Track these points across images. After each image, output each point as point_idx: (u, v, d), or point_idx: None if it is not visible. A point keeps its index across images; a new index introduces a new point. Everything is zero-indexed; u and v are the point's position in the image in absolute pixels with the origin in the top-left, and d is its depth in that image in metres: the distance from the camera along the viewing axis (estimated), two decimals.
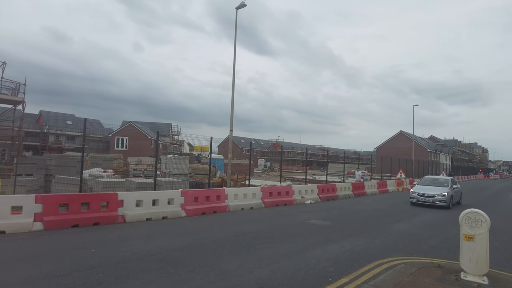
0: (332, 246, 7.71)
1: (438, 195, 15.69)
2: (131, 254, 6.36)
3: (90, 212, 9.10)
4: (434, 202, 15.59)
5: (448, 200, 15.54)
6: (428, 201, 15.77)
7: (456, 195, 16.92)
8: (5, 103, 25.60)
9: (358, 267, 6.09)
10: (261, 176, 39.16)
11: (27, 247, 6.79)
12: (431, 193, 15.94)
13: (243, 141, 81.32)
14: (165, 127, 56.85)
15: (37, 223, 8.16)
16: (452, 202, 15.99)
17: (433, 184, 17.26)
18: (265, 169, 59.91)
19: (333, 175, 42.49)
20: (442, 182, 17.26)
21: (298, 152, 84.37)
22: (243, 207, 13.15)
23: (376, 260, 6.61)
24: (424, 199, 16.00)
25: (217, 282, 5.08)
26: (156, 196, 10.70)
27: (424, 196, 16.06)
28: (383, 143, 66.25)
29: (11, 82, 24.89)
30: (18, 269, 5.34)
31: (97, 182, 13.38)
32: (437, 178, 18.31)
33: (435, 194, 15.79)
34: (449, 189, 16.20)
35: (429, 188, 16.58)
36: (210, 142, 14.68)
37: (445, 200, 15.47)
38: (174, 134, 56.88)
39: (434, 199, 15.68)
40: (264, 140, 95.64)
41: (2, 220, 7.78)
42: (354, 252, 7.29)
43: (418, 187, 17.23)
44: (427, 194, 16.01)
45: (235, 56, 18.50)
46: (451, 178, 18.07)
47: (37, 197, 8.45)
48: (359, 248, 7.68)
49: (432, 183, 17.46)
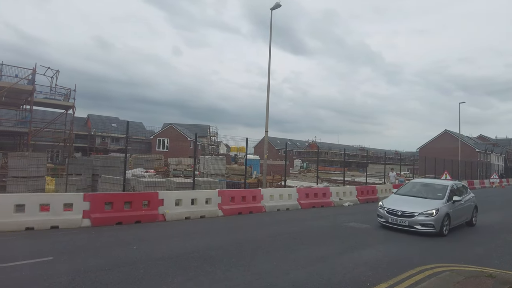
0: (371, 250, 7.46)
1: (420, 215, 9.31)
2: (170, 252, 6.59)
3: (132, 210, 9.55)
4: (413, 227, 9.34)
5: (439, 222, 9.23)
6: (402, 224, 9.50)
7: (459, 212, 10.35)
8: (58, 108, 27.65)
9: (398, 273, 5.83)
10: (297, 177, 38.86)
11: (77, 241, 7.26)
12: (409, 211, 9.55)
13: (279, 141, 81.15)
14: (203, 129, 58.25)
15: (85, 219, 8.72)
16: (449, 225, 9.70)
17: (418, 194, 10.64)
18: (302, 170, 59.45)
19: (373, 176, 41.14)
20: (435, 191, 10.59)
21: (335, 152, 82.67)
22: (279, 208, 13.12)
23: (418, 266, 6.30)
24: (395, 221, 9.62)
25: (253, 282, 5.11)
26: (194, 196, 11.01)
27: (397, 215, 9.63)
28: (427, 143, 63.01)
29: (63, 89, 26.85)
30: (69, 262, 5.73)
31: (139, 181, 13.99)
32: (429, 184, 11.30)
33: (415, 212, 9.42)
34: (444, 203, 9.70)
35: (409, 202, 10.14)
36: (246, 143, 14.85)
37: (432, 222, 9.17)
38: (212, 136, 58.09)
39: (413, 221, 9.35)
40: (300, 141, 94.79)
41: (56, 216, 8.42)
42: (394, 256, 7.01)
43: (393, 199, 10.71)
44: (400, 212, 9.59)
45: (270, 56, 18.54)
46: (452, 184, 11.03)
47: (85, 195, 9.03)
48: (399, 252, 7.37)
49: (418, 193, 10.79)
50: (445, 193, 10.16)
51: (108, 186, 13.75)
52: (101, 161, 17.37)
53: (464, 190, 11.49)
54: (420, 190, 10.95)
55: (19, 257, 5.81)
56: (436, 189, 10.70)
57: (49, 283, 4.76)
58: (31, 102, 23.23)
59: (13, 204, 8.12)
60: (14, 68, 22.62)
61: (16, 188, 12.85)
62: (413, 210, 9.50)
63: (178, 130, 49.37)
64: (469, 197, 11.44)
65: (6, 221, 7.83)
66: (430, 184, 11.24)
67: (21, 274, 5.09)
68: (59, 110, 27.97)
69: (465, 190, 11.59)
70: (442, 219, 9.33)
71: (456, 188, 10.96)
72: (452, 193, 10.32)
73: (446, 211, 9.54)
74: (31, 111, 23.55)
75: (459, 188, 11.21)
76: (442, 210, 9.44)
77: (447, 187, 10.48)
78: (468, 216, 11.12)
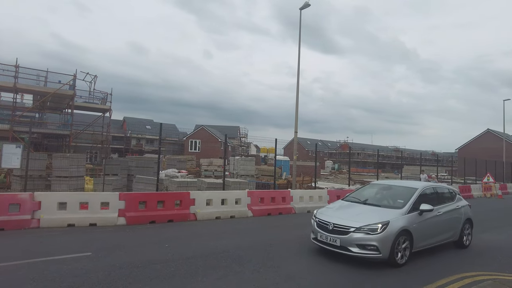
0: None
1: (358, 231, 6.18)
2: (201, 251, 6.71)
3: (165, 209, 9.83)
4: (347, 248, 6.21)
5: (387, 243, 6.07)
6: (333, 244, 6.38)
7: (432, 228, 7.09)
8: (96, 111, 29.09)
9: (435, 279, 5.58)
10: (329, 179, 38.23)
11: (113, 239, 7.59)
12: (343, 224, 6.39)
13: (309, 142, 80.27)
14: (234, 130, 58.95)
15: (120, 218, 9.09)
16: (411, 248, 6.47)
17: (373, 201, 7.43)
18: (333, 171, 58.40)
19: (408, 178, 39.60)
20: (396, 196, 7.41)
21: (369, 153, 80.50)
22: (309, 210, 12.95)
23: (457, 273, 5.98)
24: (325, 238, 6.55)
25: (281, 284, 5.09)
26: (224, 196, 11.15)
27: (327, 230, 6.55)
28: (466, 143, 59.66)
29: (100, 93, 28.22)
30: (105, 258, 6.00)
31: (172, 181, 14.38)
32: (392, 187, 8.06)
33: (351, 226, 6.27)
34: (402, 214, 6.55)
35: (353, 211, 7.02)
36: (275, 143, 14.82)
37: (374, 243, 6.04)
38: (242, 137, 58.64)
39: (347, 241, 6.20)
40: (332, 141, 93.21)
41: (95, 214, 8.87)
42: (431, 261, 6.70)
43: (334, 207, 7.69)
44: (332, 226, 6.50)
45: (300, 57, 18.40)
46: (424, 186, 7.67)
47: (121, 194, 9.41)
48: (436, 257, 7.02)
49: (373, 199, 7.59)
50: (409, 199, 6.87)
51: (142, 186, 14.26)
52: (136, 162, 18.06)
53: (448, 195, 8.06)
54: (376, 195, 7.78)
55: (63, 251, 6.24)
56: (399, 193, 7.41)
57: (88, 276, 5.05)
58: (72, 106, 24.61)
59: (57, 202, 8.66)
60: (57, 74, 24.08)
61: (59, 186, 13.68)
62: (349, 224, 6.23)
63: (209, 131, 50.26)
64: (454, 207, 7.83)
65: (51, 217, 8.38)
66: (394, 187, 7.97)
67: (65, 267, 5.43)
68: (97, 113, 29.43)
69: (450, 196, 8.09)
70: (393, 238, 6.03)
71: (432, 192, 7.65)
72: (422, 199, 7.01)
73: (403, 225, 6.25)
74: (72, 114, 24.95)
75: (439, 193, 7.83)
76: (395, 225, 6.15)
77: (415, 191, 7.17)
78: (453, 233, 7.71)
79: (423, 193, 7.25)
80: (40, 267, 5.39)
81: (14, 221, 7.98)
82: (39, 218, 8.28)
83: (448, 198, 7.99)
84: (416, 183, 8.46)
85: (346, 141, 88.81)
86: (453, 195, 8.22)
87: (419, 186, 7.62)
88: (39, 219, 8.28)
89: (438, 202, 7.48)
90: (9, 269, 5.31)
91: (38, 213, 8.33)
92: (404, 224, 6.34)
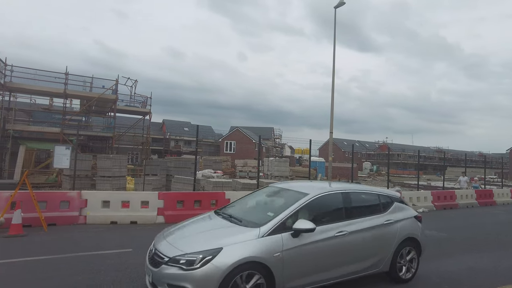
0: (447, 261, 6.82)
1: (170, 263, 3.89)
2: None
3: (201, 208, 10.07)
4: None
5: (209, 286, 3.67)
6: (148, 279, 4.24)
7: (329, 256, 4.58)
8: (136, 114, 30.48)
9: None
10: (366, 181, 37.15)
11: (152, 236, 7.86)
12: (162, 252, 4.12)
13: (346, 143, 78.43)
14: (268, 131, 59.15)
15: (159, 216, 9.47)
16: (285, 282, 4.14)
17: (239, 216, 4.81)
18: (371, 173, 56.67)
19: (452, 180, 37.45)
20: (273, 207, 5.04)
21: (409, 154, 77.09)
22: None
23: (504, 284, 5.58)
24: (146, 269, 4.37)
25: None
26: None
27: (148, 259, 4.37)
28: None
29: (140, 97, 29.54)
30: (145, 255, 6.27)
31: (208, 182, 14.72)
32: (281, 191, 5.51)
33: (165, 255, 4.03)
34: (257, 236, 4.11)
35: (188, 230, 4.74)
36: (309, 144, 14.68)
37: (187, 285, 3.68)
38: (276, 138, 58.63)
39: (158, 277, 3.94)
40: (370, 142, 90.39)
41: (135, 212, 9.33)
42: (474, 270, 6.31)
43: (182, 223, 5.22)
44: (153, 253, 4.31)
45: (335, 56, 18.09)
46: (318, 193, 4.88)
47: (160, 194, 9.82)
48: (480, 266, 6.60)
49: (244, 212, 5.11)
50: (281, 212, 4.52)
51: (180, 185, 14.73)
52: (174, 163, 18.68)
53: (376, 205, 5.44)
54: (260, 204, 5.49)
55: (107, 247, 6.70)
56: (283, 202, 5.01)
57: (129, 271, 5.38)
58: (115, 110, 25.99)
59: (101, 200, 9.22)
60: (101, 80, 25.57)
61: (103, 186, 14.51)
62: (168, 250, 4.11)
63: (244, 133, 50.81)
64: (382, 222, 5.23)
65: (96, 214, 8.94)
66: (283, 191, 5.47)
67: (108, 261, 5.81)
68: (137, 116, 30.81)
69: (379, 205, 5.46)
70: (223, 277, 3.74)
71: (341, 200, 5.09)
72: (308, 211, 4.66)
73: (249, 255, 3.94)
74: (115, 117, 26.33)
75: (357, 201, 5.31)
76: (231, 254, 3.88)
77: (300, 199, 4.73)
78: (377, 261, 5.10)
79: (314, 203, 4.76)
80: (87, 260, 5.81)
81: (64, 217, 8.62)
82: (86, 215, 8.87)
83: (373, 209, 5.37)
84: (314, 186, 5.52)
85: (385, 142, 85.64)
86: (385, 204, 5.51)
87: (312, 191, 4.96)
88: (86, 216, 8.87)
89: (350, 215, 5.00)
90: (60, 261, 5.77)
91: (85, 210, 8.93)
92: (253, 253, 3.95)
